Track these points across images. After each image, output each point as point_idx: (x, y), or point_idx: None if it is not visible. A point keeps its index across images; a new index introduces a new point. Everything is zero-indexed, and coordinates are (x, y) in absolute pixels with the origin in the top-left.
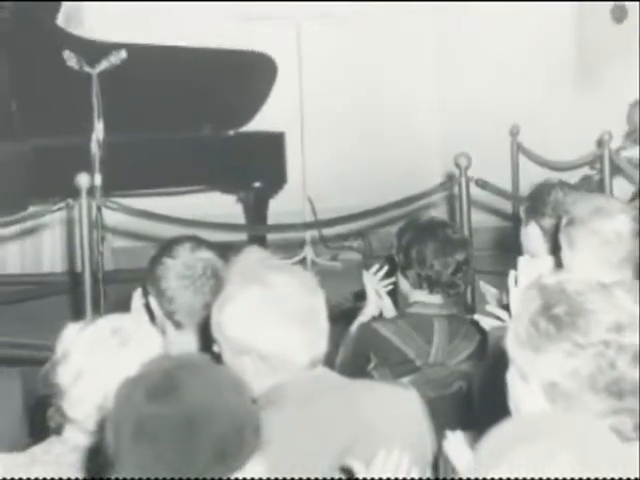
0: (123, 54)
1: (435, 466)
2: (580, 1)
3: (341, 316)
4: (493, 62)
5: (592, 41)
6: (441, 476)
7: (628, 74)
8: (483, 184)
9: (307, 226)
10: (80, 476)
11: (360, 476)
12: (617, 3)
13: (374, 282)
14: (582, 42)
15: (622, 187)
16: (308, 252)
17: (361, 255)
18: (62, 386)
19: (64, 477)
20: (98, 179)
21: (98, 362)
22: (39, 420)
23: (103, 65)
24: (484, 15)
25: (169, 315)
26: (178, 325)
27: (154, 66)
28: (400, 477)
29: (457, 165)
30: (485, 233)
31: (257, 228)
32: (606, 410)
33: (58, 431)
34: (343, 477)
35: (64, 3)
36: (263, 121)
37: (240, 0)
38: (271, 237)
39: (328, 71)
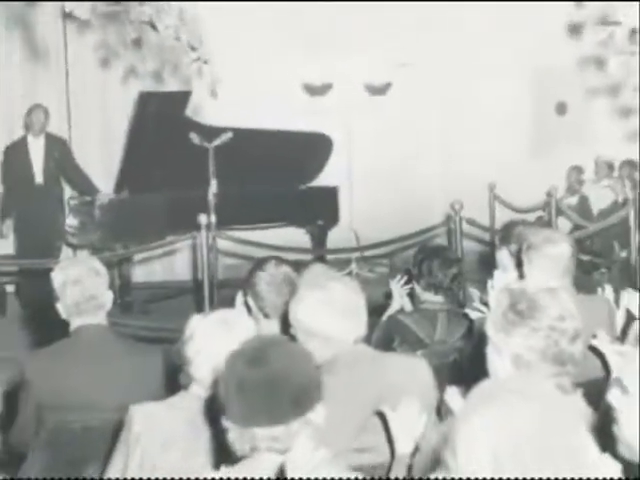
0: (230, 134)
1: (438, 410)
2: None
3: (375, 310)
4: (477, 142)
5: (543, 127)
6: (443, 417)
7: (566, 148)
8: (471, 221)
9: (353, 250)
10: (201, 418)
11: (389, 417)
12: (560, 101)
13: (398, 287)
14: (536, 128)
15: (564, 224)
16: (353, 267)
17: (389, 269)
18: (189, 357)
19: (192, 418)
20: (213, 218)
21: (213, 341)
22: (174, 380)
23: (216, 141)
24: (471, 114)
25: (260, 309)
26: (266, 316)
27: (251, 142)
28: (414, 416)
29: (453, 209)
30: (472, 254)
31: (319, 251)
32: (553, 373)
33: (186, 387)
34: (378, 419)
35: (191, 99)
36: (324, 179)
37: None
38: (328, 257)
39: (368, 144)
